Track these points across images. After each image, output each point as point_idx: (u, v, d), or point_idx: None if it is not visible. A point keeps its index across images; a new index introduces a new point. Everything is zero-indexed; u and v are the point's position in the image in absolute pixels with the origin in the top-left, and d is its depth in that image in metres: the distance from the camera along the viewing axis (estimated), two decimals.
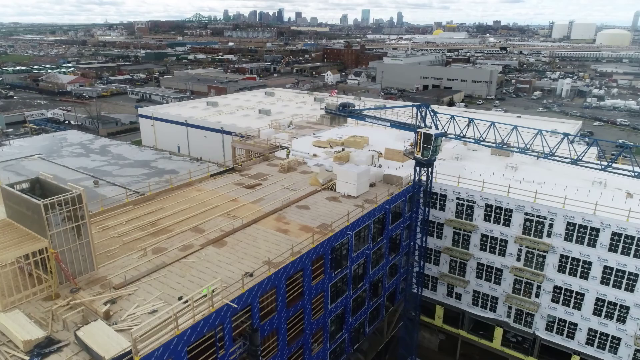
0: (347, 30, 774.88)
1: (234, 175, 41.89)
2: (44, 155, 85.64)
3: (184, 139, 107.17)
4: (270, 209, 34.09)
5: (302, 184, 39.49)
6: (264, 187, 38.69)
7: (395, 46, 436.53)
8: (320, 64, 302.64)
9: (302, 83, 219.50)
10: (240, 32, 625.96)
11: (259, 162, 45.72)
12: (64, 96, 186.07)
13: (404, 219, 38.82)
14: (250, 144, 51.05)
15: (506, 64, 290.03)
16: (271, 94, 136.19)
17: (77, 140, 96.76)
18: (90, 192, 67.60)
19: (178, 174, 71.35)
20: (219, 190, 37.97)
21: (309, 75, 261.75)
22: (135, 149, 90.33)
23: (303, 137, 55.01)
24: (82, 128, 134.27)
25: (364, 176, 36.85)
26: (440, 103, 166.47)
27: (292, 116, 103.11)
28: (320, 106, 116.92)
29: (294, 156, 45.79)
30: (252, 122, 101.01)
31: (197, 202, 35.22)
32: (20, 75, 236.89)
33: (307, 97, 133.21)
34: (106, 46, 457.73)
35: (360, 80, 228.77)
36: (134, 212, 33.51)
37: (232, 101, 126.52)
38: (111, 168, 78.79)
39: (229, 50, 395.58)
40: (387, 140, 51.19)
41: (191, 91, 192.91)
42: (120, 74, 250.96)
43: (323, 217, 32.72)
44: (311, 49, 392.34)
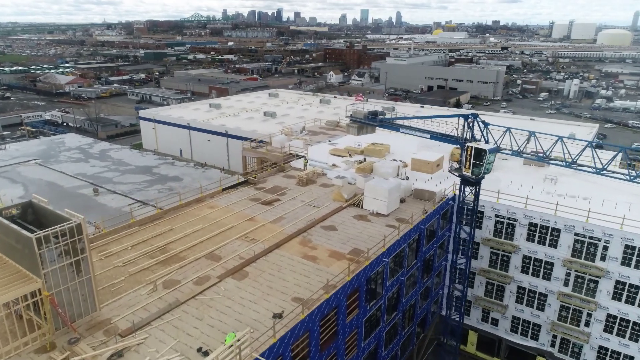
0: (347, 30, 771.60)
1: (249, 189, 38.16)
2: (41, 160, 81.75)
3: (186, 143, 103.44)
4: (293, 230, 30.39)
5: (324, 199, 35.81)
6: (282, 204, 34.98)
7: (395, 46, 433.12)
8: (322, 64, 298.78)
9: (305, 84, 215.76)
10: (239, 31, 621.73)
11: (274, 173, 42.01)
12: (62, 97, 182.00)
13: (438, 238, 35.17)
14: (263, 153, 47.34)
15: (509, 64, 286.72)
16: (275, 95, 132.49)
17: (76, 144, 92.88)
18: (90, 201, 63.84)
19: (186, 187, 67.36)
20: (233, 207, 34.25)
21: (310, 76, 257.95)
22: (137, 154, 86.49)
23: (318, 145, 51.31)
24: (81, 130, 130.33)
25: (395, 192, 33.20)
26: (447, 104, 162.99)
27: (299, 118, 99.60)
28: (326, 108, 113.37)
29: (312, 167, 42.11)
30: (257, 125, 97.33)
31: (211, 222, 31.49)
32: (17, 75, 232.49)
33: (312, 98, 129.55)
34: (105, 46, 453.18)
35: (363, 81, 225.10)
36: (140, 234, 29.77)
37: (236, 103, 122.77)
38: (112, 174, 74.97)
39: (228, 50, 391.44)
40: (409, 147, 47.50)
41: (192, 92, 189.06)
42: (119, 74, 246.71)
43: (354, 241, 29.01)
44: (312, 49, 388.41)
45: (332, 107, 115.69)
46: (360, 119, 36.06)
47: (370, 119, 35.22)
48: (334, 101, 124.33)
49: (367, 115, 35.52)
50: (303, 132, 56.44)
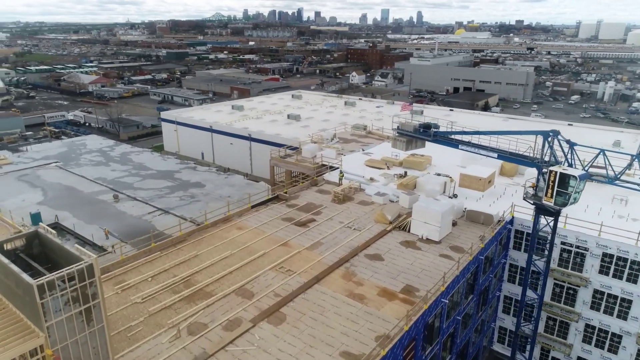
0: (367, 30, 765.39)
1: (280, 206, 34.57)
2: (62, 163, 79.91)
3: (208, 146, 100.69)
4: (334, 259, 26.63)
5: (365, 220, 31.95)
6: (318, 225, 31.26)
7: (417, 46, 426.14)
8: (344, 64, 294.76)
9: (327, 84, 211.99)
10: (260, 31, 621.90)
11: (307, 187, 38.33)
12: (85, 97, 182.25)
13: (494, 267, 30.99)
14: (293, 163, 43.71)
15: (537, 65, 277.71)
16: (298, 96, 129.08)
17: (97, 146, 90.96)
18: (110, 209, 61.23)
19: (208, 194, 64.42)
20: (264, 228, 30.68)
21: (332, 76, 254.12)
22: (158, 158, 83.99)
23: (352, 154, 47.43)
24: (103, 131, 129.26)
25: (448, 215, 29.15)
26: (475, 107, 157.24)
27: (324, 122, 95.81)
28: (352, 111, 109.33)
29: (347, 180, 38.29)
30: (281, 129, 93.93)
31: (240, 247, 27.97)
32: (42, 74, 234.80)
33: (337, 100, 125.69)
34: (128, 45, 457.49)
35: (387, 82, 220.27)
36: (162, 261, 26.42)
37: (258, 104, 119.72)
38: (132, 179, 72.43)
39: (249, 49, 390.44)
40: (451, 159, 43.14)
41: (214, 92, 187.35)
42: (141, 73, 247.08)
43: (405, 275, 25.09)
44: (333, 49, 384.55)
45: (357, 110, 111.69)
46: (409, 131, 32.08)
47: (421, 132, 31.23)
48: (360, 103, 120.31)
49: (418, 127, 31.53)
50: (334, 139, 52.67)
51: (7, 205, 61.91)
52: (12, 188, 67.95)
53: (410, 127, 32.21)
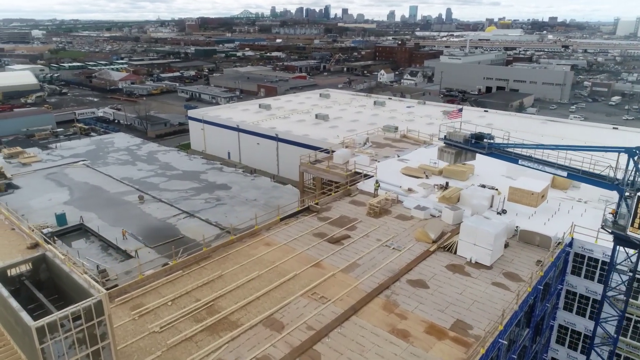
0: (395, 27, 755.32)
1: (311, 218, 31.94)
2: (89, 162, 79.59)
3: (235, 145, 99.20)
4: (372, 284, 23.83)
5: (405, 238, 29.00)
6: (353, 242, 28.48)
7: (447, 44, 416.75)
8: (372, 62, 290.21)
9: (355, 82, 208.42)
10: (287, 28, 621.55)
11: (339, 198, 35.57)
12: (115, 93, 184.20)
13: (551, 294, 27.57)
14: (323, 170, 41.00)
15: (573, 64, 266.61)
16: (326, 95, 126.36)
17: (124, 144, 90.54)
18: (134, 210, 59.99)
19: (234, 197, 62.52)
20: (294, 245, 28.10)
21: (360, 74, 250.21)
22: (184, 157, 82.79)
23: (386, 161, 44.38)
24: (131, 128, 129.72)
25: (502, 237, 25.93)
26: (509, 107, 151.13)
27: (353, 122, 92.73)
28: (381, 111, 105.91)
29: (384, 191, 35.35)
30: (309, 129, 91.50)
31: (268, 267, 25.47)
32: (75, 71, 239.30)
33: (366, 99, 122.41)
34: (158, 42, 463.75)
35: (416, 80, 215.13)
36: (184, 281, 24.16)
37: (286, 103, 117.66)
38: (158, 180, 71.26)
39: (276, 47, 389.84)
40: (496, 167, 39.55)
41: (241, 90, 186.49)
42: (170, 71, 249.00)
43: (454, 308, 22.08)
44: (360, 47, 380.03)
45: (387, 110, 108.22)
46: (458, 142, 28.93)
47: (472, 143, 28.04)
48: (389, 103, 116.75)
49: (469, 138, 28.35)
50: (367, 144, 49.70)
51: (34, 204, 61.50)
52: (39, 187, 67.70)
53: (460, 137, 29.04)
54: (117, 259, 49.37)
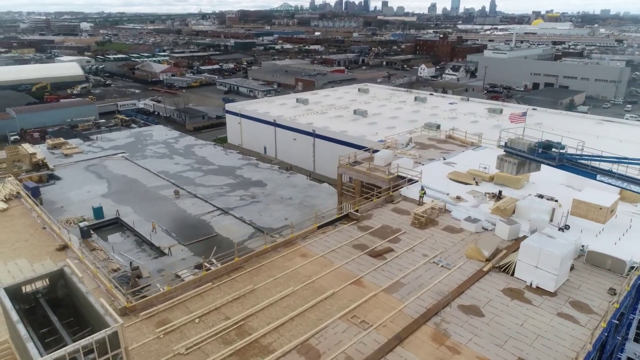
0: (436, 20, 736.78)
1: (350, 227, 29.62)
2: (128, 154, 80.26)
3: (271, 140, 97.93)
4: (419, 309, 21.33)
5: (454, 255, 26.24)
6: (397, 257, 25.99)
7: (491, 37, 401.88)
8: (412, 56, 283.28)
9: (394, 77, 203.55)
10: (326, 21, 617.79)
11: (381, 204, 33.06)
12: (156, 85, 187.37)
13: (622, 326, 24.24)
14: (364, 173, 38.53)
15: (628, 59, 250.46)
16: (365, 90, 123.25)
17: (162, 137, 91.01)
18: (170, 206, 59.53)
19: (269, 194, 61.06)
20: (331, 257, 25.91)
21: (400, 69, 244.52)
22: (221, 152, 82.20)
23: (431, 164, 41.40)
24: (170, 121, 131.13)
25: (569, 260, 22.81)
26: (558, 105, 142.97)
27: (393, 119, 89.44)
28: (422, 107, 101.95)
29: (430, 199, 32.56)
30: (347, 125, 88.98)
31: (303, 282, 23.40)
32: (119, 63, 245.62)
33: (406, 95, 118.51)
34: (199, 35, 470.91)
35: (458, 76, 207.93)
36: (213, 294, 22.44)
37: (323, 98, 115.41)
38: (194, 174, 70.84)
39: (315, 40, 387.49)
40: (554, 175, 35.95)
41: (278, 83, 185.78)
42: (209, 63, 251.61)
43: (515, 342, 19.27)
44: (400, 40, 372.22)
45: (428, 107, 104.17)
46: (522, 151, 25.83)
47: (538, 153, 24.89)
48: (430, 99, 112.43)
49: (535, 147, 25.20)
50: (410, 144, 46.76)
51: (73, 196, 62.11)
52: (79, 178, 68.51)
53: (524, 146, 25.88)
54: (150, 255, 48.86)
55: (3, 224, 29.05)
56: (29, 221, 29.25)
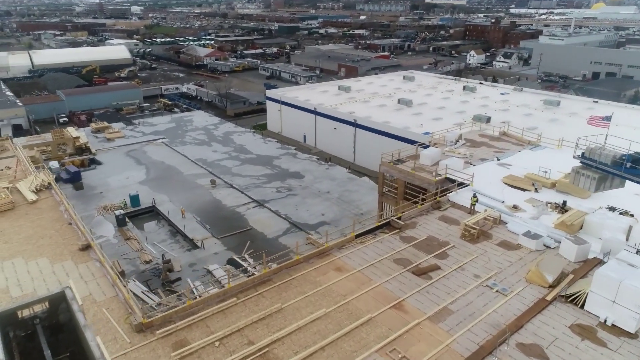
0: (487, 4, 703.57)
1: (392, 238, 26.71)
2: (168, 140, 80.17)
3: (311, 128, 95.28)
4: (470, 344, 18.35)
5: (512, 277, 22.91)
6: (444, 277, 22.95)
7: (546, 22, 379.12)
8: (461, 42, 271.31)
9: (441, 64, 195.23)
10: (372, 5, 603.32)
11: (427, 211, 29.89)
12: (199, 69, 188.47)
13: None
14: (408, 173, 35.30)
15: None
16: (410, 78, 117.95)
17: (202, 123, 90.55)
18: (206, 196, 58.42)
19: (306, 187, 58.72)
20: (370, 273, 23.22)
21: (447, 55, 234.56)
22: (259, 140, 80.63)
23: (483, 164, 37.57)
24: (212, 105, 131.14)
25: None
26: (621, 97, 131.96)
27: (439, 109, 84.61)
28: (471, 98, 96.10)
29: (482, 207, 29.07)
30: (390, 115, 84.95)
31: (336, 303, 20.88)
32: (165, 46, 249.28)
33: (454, 84, 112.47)
34: (244, 19, 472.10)
35: (510, 63, 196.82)
36: (236, 312, 20.33)
37: (367, 86, 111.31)
38: (231, 163, 69.63)
39: (360, 24, 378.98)
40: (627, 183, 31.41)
41: (321, 69, 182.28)
42: (253, 47, 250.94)
43: None
44: (448, 25, 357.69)
45: (478, 97, 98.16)
46: (604, 164, 22.00)
47: (627, 169, 21.01)
48: (480, 89, 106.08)
49: (621, 159, 21.34)
50: (459, 141, 42.88)
51: (112, 182, 62.25)
52: (119, 164, 68.78)
53: (607, 158, 22.00)
54: (183, 247, 47.88)
55: (31, 217, 28.18)
56: (56, 215, 28.22)
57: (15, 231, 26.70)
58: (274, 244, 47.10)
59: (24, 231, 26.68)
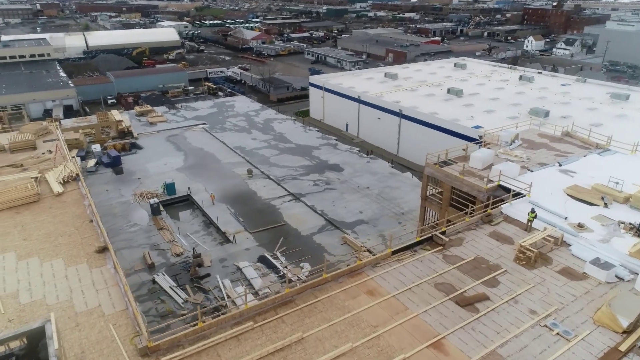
0: None
1: (434, 257, 23.59)
2: (208, 125, 79.46)
3: (354, 117, 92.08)
4: None
5: (575, 315, 19.37)
6: (494, 310, 19.70)
7: (614, 6, 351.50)
8: (518, 27, 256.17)
9: (496, 50, 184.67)
10: None
11: (475, 225, 26.44)
12: (245, 52, 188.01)
13: None
14: (455, 178, 31.73)
15: None
16: (462, 66, 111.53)
17: (244, 109, 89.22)
18: (241, 186, 56.92)
19: (345, 181, 55.85)
20: (406, 300, 20.32)
21: (503, 41, 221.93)
22: (300, 129, 78.30)
23: (543, 170, 33.34)
24: (255, 90, 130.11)
25: None
26: None
27: (492, 101, 78.57)
28: (528, 89, 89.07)
29: (542, 224, 25.28)
30: (438, 106, 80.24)
31: (366, 335, 18.21)
32: (214, 29, 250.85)
33: (509, 73, 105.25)
34: (292, 1, 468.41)
35: (572, 51, 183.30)
36: (252, 337, 18.10)
37: (415, 73, 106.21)
38: (269, 152, 67.81)
39: (411, 7, 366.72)
40: None
41: (368, 54, 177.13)
42: (300, 31, 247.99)
43: None
44: (505, 8, 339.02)
45: (535, 88, 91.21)
46: None
47: None
48: (538, 79, 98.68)
49: None
50: (515, 142, 38.53)
51: (151, 167, 61.96)
52: (159, 149, 68.57)
53: None
54: (215, 239, 46.58)
55: (54, 211, 27.22)
56: (80, 210, 27.10)
57: (36, 226, 25.77)
58: (307, 242, 44.95)
59: (45, 227, 25.69)
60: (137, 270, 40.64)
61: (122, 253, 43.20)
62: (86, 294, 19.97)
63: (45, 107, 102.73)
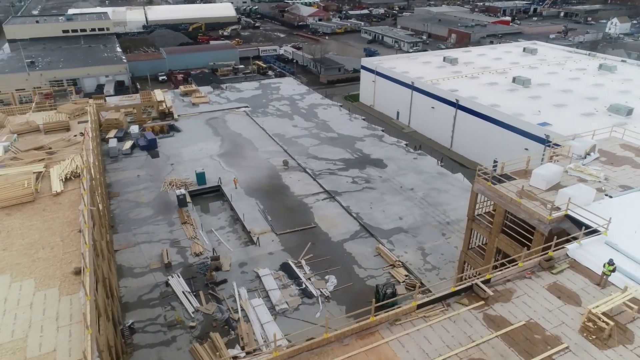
0: None
1: (472, 316, 18.40)
2: (250, 109, 76.40)
3: (406, 105, 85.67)
4: None
5: None
6: None
7: None
8: (600, 6, 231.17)
9: (573, 33, 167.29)
10: None
11: (530, 271, 20.80)
12: (301, 30, 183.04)
13: None
14: (511, 202, 25.85)
15: None
16: (532, 51, 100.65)
17: (289, 92, 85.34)
18: (274, 179, 53.43)
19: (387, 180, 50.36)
20: None
21: (582, 22, 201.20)
22: (345, 117, 73.37)
23: (625, 196, 26.66)
24: (306, 70, 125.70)
25: None
26: None
27: (564, 93, 68.47)
28: (609, 80, 77.86)
29: (624, 278, 19.35)
30: (500, 97, 72.18)
31: None
32: (272, 4, 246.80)
33: (586, 60, 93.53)
34: None
35: None
36: None
37: (477, 58, 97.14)
38: (309, 142, 63.83)
39: None
40: None
41: (429, 34, 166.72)
42: (359, 7, 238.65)
43: None
44: None
45: (617, 80, 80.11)
46: None
47: None
48: (622, 69, 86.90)
49: None
50: (591, 154, 31.60)
51: (185, 153, 59.85)
52: (197, 133, 66.45)
53: None
54: (240, 238, 43.60)
55: (46, 215, 24.63)
56: (72, 216, 24.35)
57: (21, 234, 23.26)
58: (337, 250, 40.83)
59: (30, 235, 23.12)
60: (152, 269, 38.43)
61: (140, 248, 41.27)
62: (45, 332, 16.92)
63: (98, 82, 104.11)
